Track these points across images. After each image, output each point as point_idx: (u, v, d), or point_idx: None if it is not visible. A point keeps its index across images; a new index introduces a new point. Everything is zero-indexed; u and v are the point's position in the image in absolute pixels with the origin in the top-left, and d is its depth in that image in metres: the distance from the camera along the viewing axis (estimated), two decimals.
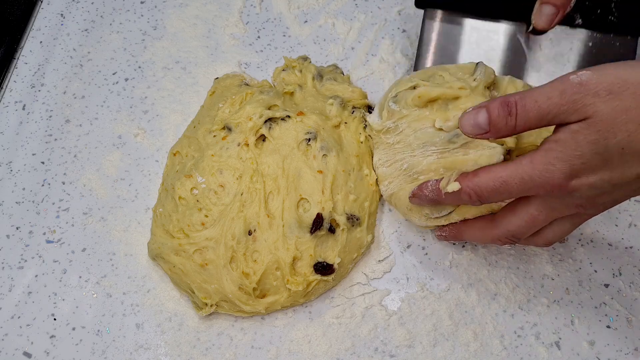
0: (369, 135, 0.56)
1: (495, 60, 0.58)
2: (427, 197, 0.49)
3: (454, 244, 0.56)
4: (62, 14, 0.71)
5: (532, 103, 0.39)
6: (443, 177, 0.48)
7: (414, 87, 0.52)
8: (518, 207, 0.46)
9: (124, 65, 0.67)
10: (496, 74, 0.53)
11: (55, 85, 0.66)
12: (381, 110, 0.55)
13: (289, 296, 0.51)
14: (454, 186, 0.45)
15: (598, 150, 0.38)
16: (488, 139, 0.43)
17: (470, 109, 0.42)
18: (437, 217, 0.52)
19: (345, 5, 0.71)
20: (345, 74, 0.65)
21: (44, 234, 0.57)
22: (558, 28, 0.56)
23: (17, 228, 0.57)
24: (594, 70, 0.38)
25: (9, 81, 0.66)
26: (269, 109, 0.55)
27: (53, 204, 0.59)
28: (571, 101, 0.38)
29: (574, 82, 0.38)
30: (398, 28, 0.69)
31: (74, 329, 0.53)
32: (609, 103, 0.37)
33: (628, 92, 0.37)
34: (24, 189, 0.59)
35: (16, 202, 0.59)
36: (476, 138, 0.43)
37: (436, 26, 0.59)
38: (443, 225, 0.53)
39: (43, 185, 0.60)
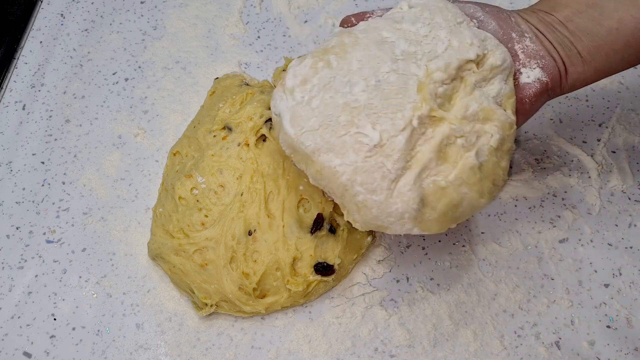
0: None
1: None
2: None
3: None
4: (62, 14, 0.71)
5: None
6: None
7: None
8: None
9: (124, 65, 0.67)
10: None
11: (55, 85, 0.66)
12: None
13: (289, 296, 0.51)
14: None
15: None
16: None
17: None
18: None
19: (345, 5, 0.71)
20: None
21: (44, 234, 0.57)
22: None
23: (17, 228, 0.57)
24: None
25: (9, 81, 0.66)
26: (270, 109, 0.55)
27: (53, 204, 0.59)
28: None
29: None
30: None
31: (74, 329, 0.53)
32: None
33: None
34: (24, 189, 0.59)
35: (16, 202, 0.59)
36: None
37: None
38: None
39: (43, 185, 0.60)
